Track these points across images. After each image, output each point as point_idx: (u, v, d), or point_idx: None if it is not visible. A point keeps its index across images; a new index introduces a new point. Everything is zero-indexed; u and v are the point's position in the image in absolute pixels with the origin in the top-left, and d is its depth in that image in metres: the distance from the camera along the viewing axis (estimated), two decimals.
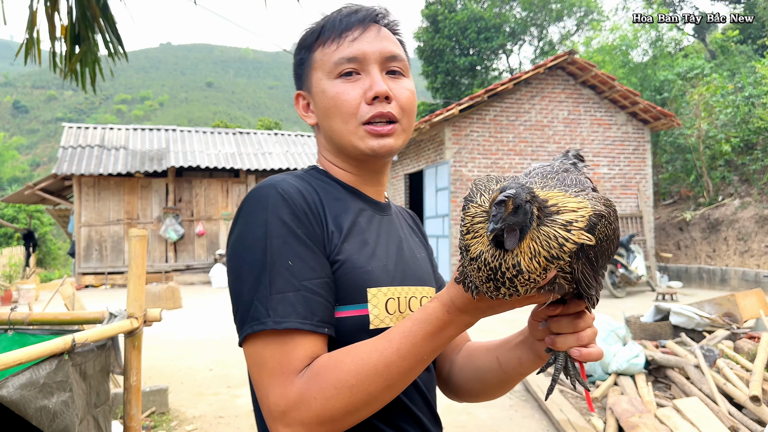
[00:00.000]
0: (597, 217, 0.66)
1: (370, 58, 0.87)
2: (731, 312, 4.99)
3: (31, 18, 3.40)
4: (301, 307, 0.75)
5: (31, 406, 1.35)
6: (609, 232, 0.68)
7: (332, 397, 0.71)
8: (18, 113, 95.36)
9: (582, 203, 0.66)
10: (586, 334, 0.75)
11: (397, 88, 0.89)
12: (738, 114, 12.77)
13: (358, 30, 0.88)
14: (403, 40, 0.95)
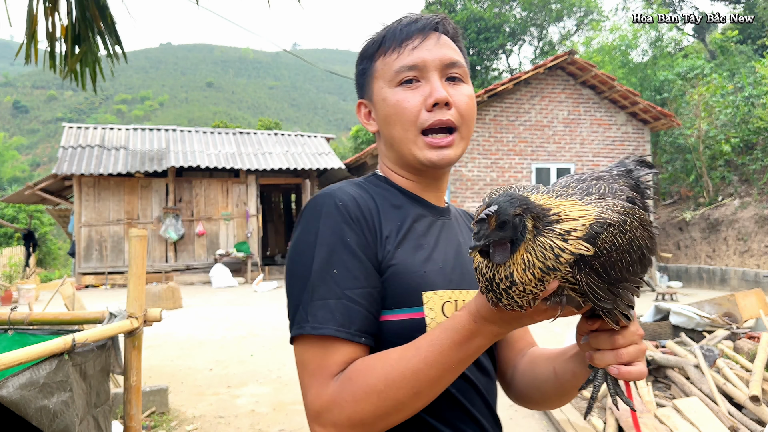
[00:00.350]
0: (601, 226, 0.63)
1: (430, 66, 0.89)
2: (731, 312, 4.99)
3: (30, 18, 3.40)
4: (340, 315, 0.78)
5: (31, 406, 1.35)
6: (619, 242, 0.64)
7: (362, 401, 0.73)
8: (18, 113, 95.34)
9: (587, 211, 0.64)
10: (627, 352, 0.71)
11: (456, 94, 0.90)
12: (738, 114, 12.77)
13: (418, 38, 0.90)
14: (463, 47, 0.96)
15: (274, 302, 10.29)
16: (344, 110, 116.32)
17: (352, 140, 30.30)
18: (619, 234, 0.64)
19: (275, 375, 5.20)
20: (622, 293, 0.67)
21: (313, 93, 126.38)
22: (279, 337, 6.93)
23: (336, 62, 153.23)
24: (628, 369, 0.71)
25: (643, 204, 0.75)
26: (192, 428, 3.86)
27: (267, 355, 6.03)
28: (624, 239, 0.64)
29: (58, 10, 3.48)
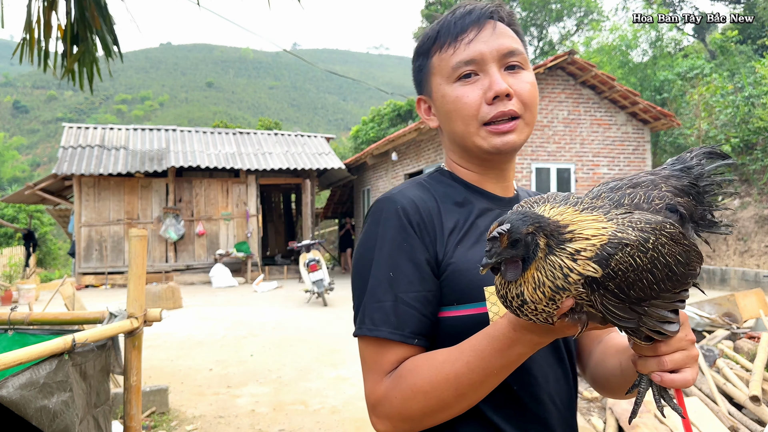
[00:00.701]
0: (614, 247, 0.61)
1: (488, 58, 0.87)
2: (731, 312, 4.99)
3: (28, 18, 3.40)
4: (394, 318, 0.82)
5: (31, 406, 1.35)
6: (638, 262, 0.61)
7: (409, 399, 0.78)
8: (18, 113, 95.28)
9: (603, 230, 0.63)
10: (671, 359, 0.69)
11: (516, 83, 0.88)
12: (738, 114, 12.77)
13: (473, 31, 0.88)
14: (520, 31, 0.94)
15: (274, 302, 10.30)
16: (344, 110, 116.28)
17: (352, 140, 30.29)
18: (638, 254, 0.61)
19: (275, 375, 5.20)
20: (649, 311, 0.64)
21: (313, 93, 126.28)
22: (279, 337, 6.94)
23: (336, 62, 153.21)
24: (671, 377, 0.69)
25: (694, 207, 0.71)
26: (192, 428, 3.86)
27: (267, 355, 6.03)
28: (644, 259, 0.61)
29: (56, 10, 3.48)
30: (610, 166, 11.92)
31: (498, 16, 0.90)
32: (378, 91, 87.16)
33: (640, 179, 0.73)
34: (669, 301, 0.65)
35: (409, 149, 12.91)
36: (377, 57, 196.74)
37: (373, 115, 28.24)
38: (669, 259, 0.63)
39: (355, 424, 3.91)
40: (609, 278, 0.61)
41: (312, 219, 15.45)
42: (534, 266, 0.63)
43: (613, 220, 0.64)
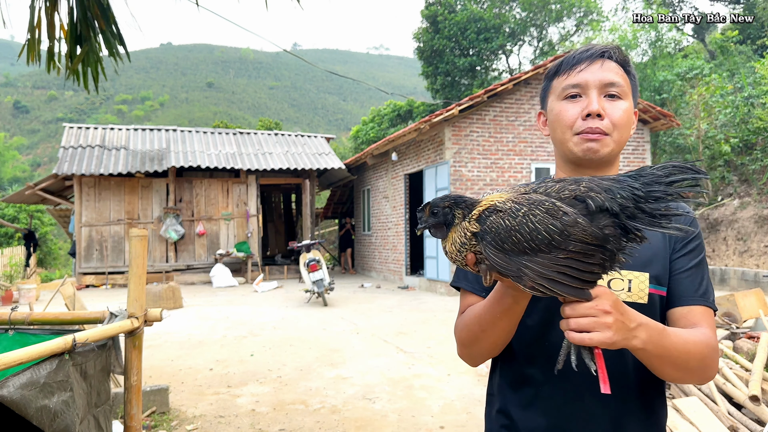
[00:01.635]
0: (491, 211, 0.85)
1: (591, 85, 1.09)
2: (730, 312, 5.00)
3: (32, 18, 3.41)
4: (472, 276, 1.15)
5: (31, 405, 1.36)
6: (507, 223, 0.82)
7: (460, 331, 1.13)
8: (19, 113, 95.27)
9: (490, 202, 0.87)
10: (576, 321, 0.84)
11: (611, 108, 1.08)
12: (737, 114, 12.78)
13: (585, 63, 1.12)
14: (631, 70, 1.14)
15: (274, 302, 10.30)
16: (344, 110, 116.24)
17: (352, 140, 30.29)
18: (507, 218, 0.83)
19: (275, 375, 5.21)
20: (528, 265, 0.81)
21: (313, 93, 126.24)
22: (279, 337, 6.94)
23: (336, 62, 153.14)
24: (574, 335, 0.83)
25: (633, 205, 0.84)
26: (192, 428, 3.87)
27: (267, 354, 6.04)
28: (513, 222, 0.82)
29: (59, 10, 3.48)
30: None
31: (608, 55, 1.12)
32: (378, 92, 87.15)
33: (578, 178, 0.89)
34: (551, 262, 0.81)
35: (409, 149, 12.92)
36: (377, 57, 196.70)
37: (373, 115, 28.24)
38: (538, 225, 0.81)
39: (356, 423, 3.92)
40: (486, 233, 0.84)
41: (312, 219, 15.46)
42: (453, 229, 0.89)
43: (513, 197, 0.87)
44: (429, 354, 5.90)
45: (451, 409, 4.18)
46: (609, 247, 0.82)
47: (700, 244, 1.10)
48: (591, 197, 0.84)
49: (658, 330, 0.92)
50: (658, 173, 0.86)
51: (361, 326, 7.64)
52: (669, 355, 0.93)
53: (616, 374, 1.03)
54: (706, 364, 0.99)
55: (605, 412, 1.04)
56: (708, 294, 1.08)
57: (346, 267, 17.44)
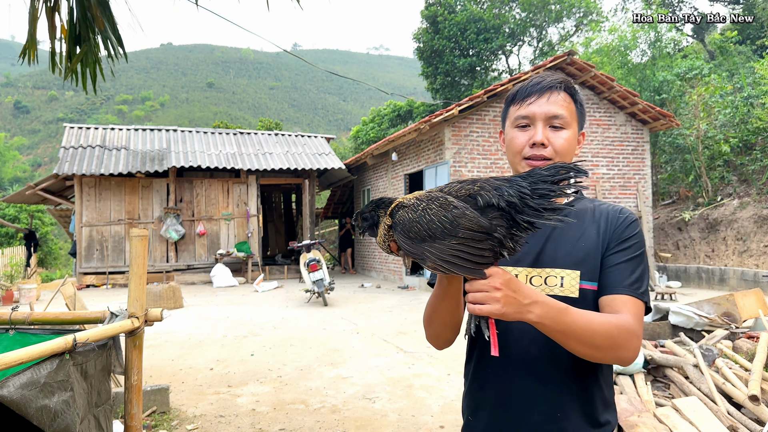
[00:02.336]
0: (397, 207, 1.05)
1: (537, 117, 1.26)
2: (730, 312, 5.00)
3: (32, 18, 3.41)
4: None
5: (31, 405, 1.36)
6: (410, 216, 1.01)
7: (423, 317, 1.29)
8: (19, 113, 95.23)
9: (400, 200, 1.06)
10: (472, 295, 1.00)
11: (554, 137, 1.26)
12: (737, 114, 12.77)
13: (534, 96, 1.27)
14: (579, 100, 1.31)
15: (274, 302, 10.31)
16: (345, 110, 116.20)
17: (352, 140, 30.29)
18: (410, 212, 1.01)
19: (276, 374, 5.21)
20: (430, 249, 0.98)
21: (313, 93, 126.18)
22: (279, 337, 6.95)
23: (336, 62, 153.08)
24: (472, 306, 0.99)
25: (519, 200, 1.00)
26: (193, 427, 3.88)
27: (267, 354, 6.04)
28: (413, 215, 1.00)
29: (59, 10, 3.49)
30: (609, 167, 11.93)
31: (556, 88, 1.28)
32: (378, 92, 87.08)
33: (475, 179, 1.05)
34: (446, 247, 0.97)
35: (409, 149, 12.92)
36: (377, 57, 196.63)
37: (373, 115, 28.24)
38: (432, 217, 0.99)
39: (356, 423, 3.93)
40: (396, 225, 1.03)
41: (312, 219, 15.46)
42: (380, 226, 1.07)
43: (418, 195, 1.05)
44: (429, 354, 5.90)
45: (451, 408, 4.19)
46: (496, 236, 0.98)
47: (637, 243, 1.21)
48: (481, 195, 1.00)
49: (557, 308, 1.04)
50: (545, 173, 1.01)
51: (361, 326, 7.64)
52: (571, 331, 1.05)
53: (554, 357, 1.18)
54: (616, 343, 1.09)
55: (544, 392, 1.18)
56: (637, 285, 1.17)
57: (346, 267, 17.44)
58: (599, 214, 1.27)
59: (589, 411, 1.20)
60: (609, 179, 11.87)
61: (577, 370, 1.19)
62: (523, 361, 1.20)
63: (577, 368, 1.19)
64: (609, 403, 1.24)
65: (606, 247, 1.21)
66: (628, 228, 1.22)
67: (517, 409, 1.20)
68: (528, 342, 1.20)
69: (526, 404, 1.19)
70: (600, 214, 1.27)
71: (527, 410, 1.19)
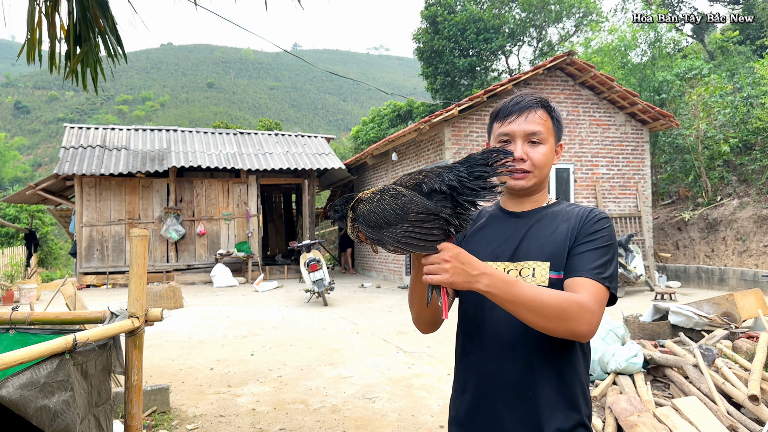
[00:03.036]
0: (358, 202, 1.18)
1: (517, 135, 1.40)
2: (730, 311, 5.00)
3: (31, 18, 3.41)
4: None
5: (31, 405, 1.36)
6: (367, 207, 1.15)
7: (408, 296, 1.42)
8: (19, 113, 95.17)
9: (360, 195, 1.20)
10: (427, 268, 1.12)
11: (532, 152, 1.39)
12: (737, 114, 12.77)
13: (514, 116, 1.41)
14: (555, 115, 1.45)
15: (274, 302, 10.31)
16: (345, 111, 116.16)
17: (352, 140, 30.29)
18: (366, 204, 1.16)
19: (276, 374, 5.22)
20: (388, 234, 1.11)
21: (313, 93, 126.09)
22: (279, 337, 6.95)
23: (336, 63, 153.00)
24: (428, 277, 1.11)
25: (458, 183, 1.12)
26: (193, 427, 3.88)
27: (267, 354, 6.04)
28: (370, 206, 1.14)
29: (59, 11, 3.49)
30: (609, 167, 11.93)
31: (533, 107, 1.42)
32: (378, 92, 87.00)
33: (421, 170, 1.18)
34: (401, 230, 1.10)
35: (409, 150, 12.92)
36: (377, 58, 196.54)
37: (373, 115, 28.24)
38: (386, 206, 1.12)
39: (356, 422, 3.93)
40: (358, 217, 1.17)
41: (312, 219, 15.47)
42: (348, 219, 1.21)
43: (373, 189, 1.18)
44: (429, 353, 5.90)
45: None
46: (442, 216, 1.11)
47: (605, 236, 1.32)
48: (425, 183, 1.14)
49: (504, 280, 1.15)
50: (479, 158, 1.15)
51: (361, 326, 7.64)
52: (520, 301, 1.15)
53: (528, 342, 1.30)
54: (566, 314, 1.17)
55: (518, 373, 1.29)
56: (599, 271, 1.27)
57: (346, 267, 17.44)
58: (572, 213, 1.39)
59: (563, 392, 1.29)
60: (609, 179, 11.87)
61: (550, 353, 1.29)
62: (500, 345, 1.32)
63: (550, 352, 1.29)
64: (584, 391, 1.33)
65: (574, 240, 1.33)
66: (596, 223, 1.34)
67: (494, 390, 1.31)
68: (504, 328, 1.32)
69: (501, 385, 1.31)
70: (572, 213, 1.39)
71: (503, 390, 1.30)
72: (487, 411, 1.32)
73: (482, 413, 1.33)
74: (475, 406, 1.35)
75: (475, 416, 1.35)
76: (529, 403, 1.28)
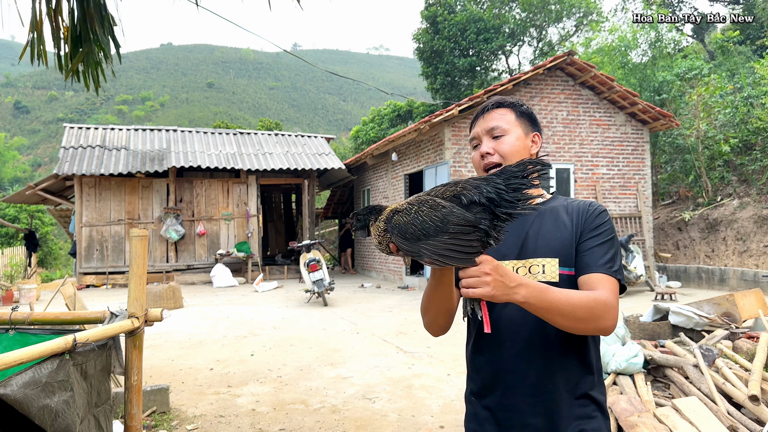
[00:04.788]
0: (392, 213, 1.16)
1: (480, 134, 1.51)
2: (730, 312, 5.00)
3: (33, 18, 3.41)
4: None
5: (33, 405, 1.36)
6: (404, 219, 1.13)
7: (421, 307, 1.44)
8: (19, 114, 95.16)
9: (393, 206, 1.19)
10: (466, 281, 1.12)
11: (497, 144, 1.47)
12: (737, 114, 12.77)
13: (477, 121, 1.53)
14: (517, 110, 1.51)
15: (274, 302, 10.31)
16: (344, 111, 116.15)
17: (352, 140, 30.29)
18: (404, 215, 1.14)
19: (275, 374, 5.21)
20: (425, 246, 1.10)
21: (313, 93, 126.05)
22: (279, 337, 6.95)
23: (336, 63, 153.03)
24: (466, 290, 1.12)
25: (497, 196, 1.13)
26: (193, 427, 3.88)
27: (267, 354, 6.04)
28: (407, 218, 1.13)
29: (61, 12, 3.49)
30: (609, 167, 11.93)
31: (491, 107, 1.51)
32: (378, 92, 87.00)
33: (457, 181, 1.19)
34: (439, 242, 1.09)
35: (409, 149, 12.92)
36: (377, 58, 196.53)
37: (373, 115, 28.24)
38: (424, 217, 1.11)
39: (356, 423, 3.93)
40: (392, 229, 1.14)
41: (312, 219, 15.46)
42: (372, 228, 1.22)
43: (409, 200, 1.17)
44: (429, 354, 5.90)
45: (451, 408, 4.19)
46: (481, 227, 1.11)
47: (608, 230, 1.38)
48: (464, 194, 1.14)
49: (539, 289, 1.17)
50: (515, 170, 1.15)
51: (361, 326, 7.64)
52: (554, 307, 1.18)
53: (542, 338, 1.34)
54: (595, 314, 1.22)
55: (535, 368, 1.33)
56: (609, 265, 1.32)
57: (346, 267, 17.44)
58: (572, 209, 1.44)
59: (579, 383, 1.34)
60: (609, 179, 11.87)
61: (565, 346, 1.34)
62: (515, 342, 1.35)
63: (563, 346, 1.34)
64: (599, 381, 1.40)
65: (579, 235, 1.38)
66: (597, 217, 1.39)
67: (513, 386, 1.35)
68: (518, 325, 1.35)
69: (519, 380, 1.34)
70: (572, 208, 1.43)
71: (522, 386, 1.33)
72: (506, 407, 1.35)
73: (502, 409, 1.36)
74: (495, 402, 1.38)
75: (496, 412, 1.37)
76: (549, 396, 1.32)
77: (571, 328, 1.23)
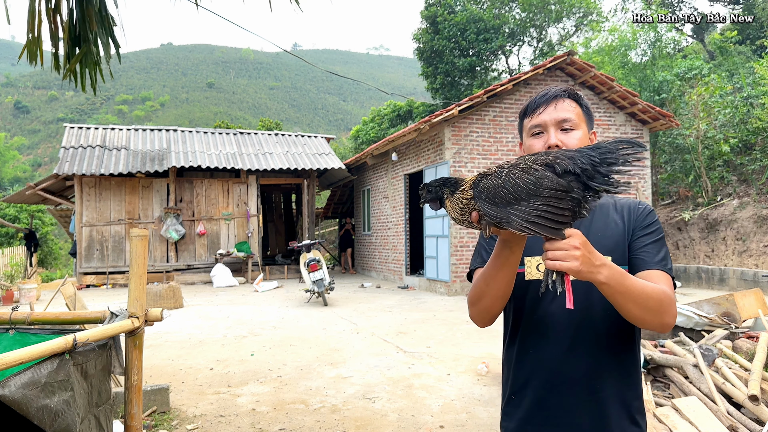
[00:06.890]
0: (481, 177, 1.11)
1: (548, 124, 1.42)
2: (730, 311, 5.00)
3: (31, 18, 3.41)
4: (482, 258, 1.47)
5: (33, 405, 1.36)
6: (495, 182, 1.08)
7: (470, 295, 1.37)
8: (19, 113, 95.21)
9: (473, 177, 1.14)
10: (552, 253, 1.07)
11: (566, 138, 1.40)
12: (736, 114, 12.77)
13: (543, 107, 1.43)
14: (583, 103, 1.46)
15: (274, 302, 10.31)
16: (344, 110, 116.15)
17: (352, 140, 30.29)
18: (494, 178, 1.08)
19: (276, 374, 5.22)
20: (514, 212, 1.04)
21: (313, 93, 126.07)
22: (279, 337, 6.95)
23: (336, 63, 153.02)
24: (551, 262, 1.06)
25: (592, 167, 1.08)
26: (193, 427, 3.88)
27: (267, 354, 6.04)
28: (498, 181, 1.07)
29: (60, 12, 3.49)
30: None
31: (561, 96, 1.43)
32: (378, 92, 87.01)
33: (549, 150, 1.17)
34: (531, 208, 1.04)
35: (409, 149, 12.92)
36: (377, 58, 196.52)
37: (373, 115, 28.25)
38: (517, 180, 1.05)
39: (356, 423, 3.93)
40: (480, 193, 1.09)
41: (312, 219, 15.47)
42: (447, 201, 1.18)
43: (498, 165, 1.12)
44: (429, 354, 5.90)
45: (451, 408, 4.19)
46: (574, 195, 1.05)
47: (658, 228, 1.39)
48: (558, 163, 1.08)
49: (620, 272, 1.14)
50: (610, 146, 1.10)
51: (361, 326, 7.64)
52: (630, 293, 1.16)
53: (591, 334, 1.33)
54: (663, 308, 1.21)
55: (584, 368, 1.32)
56: (665, 262, 1.33)
57: (346, 267, 17.44)
58: (621, 207, 1.44)
59: (628, 382, 1.34)
60: None
61: (613, 346, 1.33)
62: (563, 340, 1.34)
63: (613, 344, 1.33)
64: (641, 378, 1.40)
65: (632, 234, 1.38)
66: (648, 216, 1.41)
67: (561, 384, 1.33)
68: (566, 323, 1.34)
69: (568, 379, 1.32)
70: (622, 206, 1.44)
71: (570, 384, 1.32)
72: (552, 406, 1.34)
73: (547, 408, 1.35)
74: (540, 401, 1.36)
75: (540, 411, 1.36)
76: (596, 395, 1.31)
77: (640, 318, 1.21)
